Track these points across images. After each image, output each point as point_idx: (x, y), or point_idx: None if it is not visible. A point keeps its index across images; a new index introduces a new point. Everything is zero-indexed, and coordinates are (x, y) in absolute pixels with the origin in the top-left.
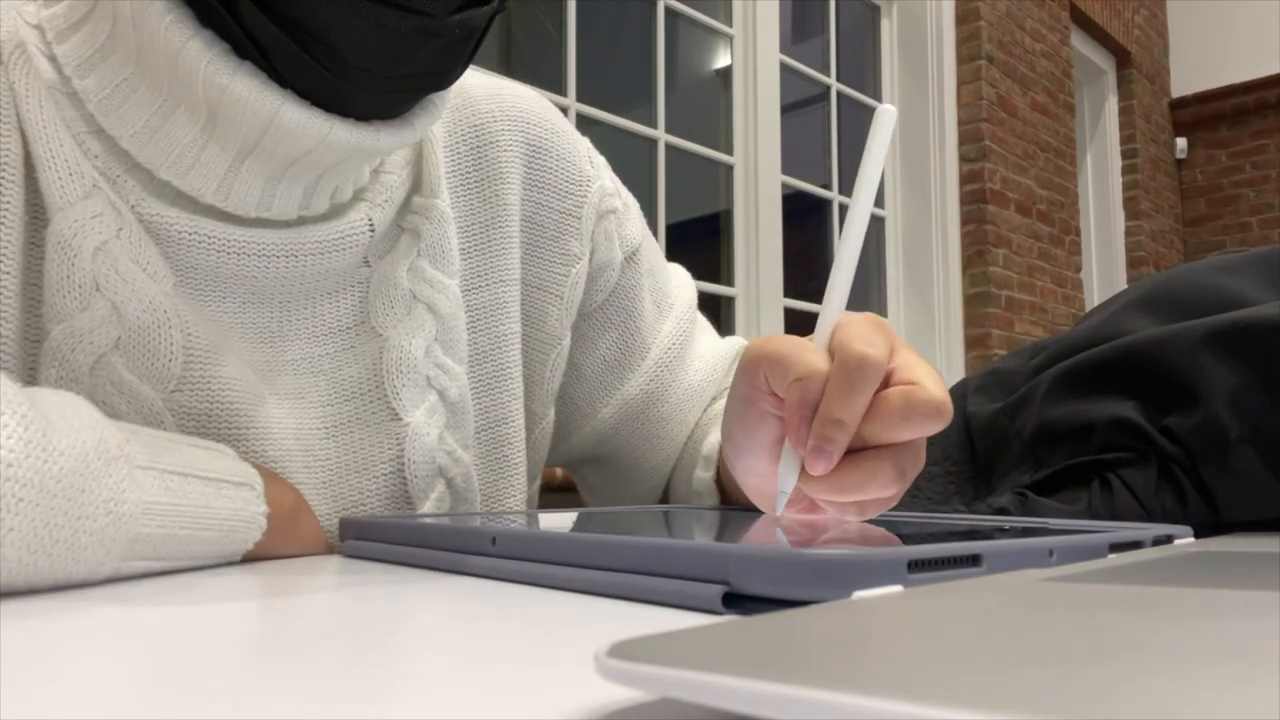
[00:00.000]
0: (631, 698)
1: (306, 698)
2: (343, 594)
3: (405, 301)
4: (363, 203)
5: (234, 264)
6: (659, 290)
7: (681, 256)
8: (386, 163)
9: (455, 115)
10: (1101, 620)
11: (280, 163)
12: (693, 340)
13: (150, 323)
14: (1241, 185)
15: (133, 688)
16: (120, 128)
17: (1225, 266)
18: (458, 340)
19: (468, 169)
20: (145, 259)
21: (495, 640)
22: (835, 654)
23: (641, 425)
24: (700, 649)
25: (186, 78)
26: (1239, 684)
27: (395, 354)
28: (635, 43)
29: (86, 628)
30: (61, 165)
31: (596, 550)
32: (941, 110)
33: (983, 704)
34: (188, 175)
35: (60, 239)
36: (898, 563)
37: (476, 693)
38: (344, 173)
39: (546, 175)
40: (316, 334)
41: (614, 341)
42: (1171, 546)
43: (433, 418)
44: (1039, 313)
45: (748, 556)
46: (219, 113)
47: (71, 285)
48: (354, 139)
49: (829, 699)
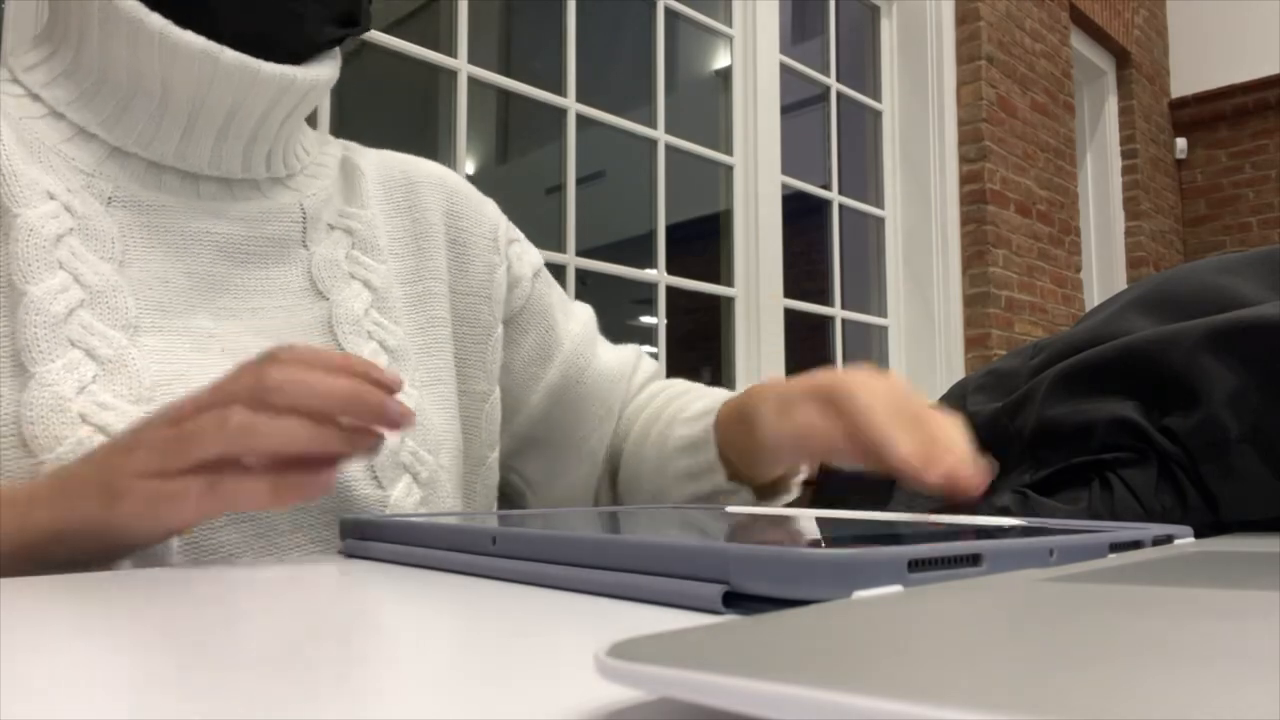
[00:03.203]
0: (631, 698)
1: (306, 698)
2: (342, 594)
3: (344, 276)
4: (294, 191)
5: (196, 224)
6: (565, 303)
7: (681, 256)
8: (311, 166)
9: (384, 169)
10: (1101, 620)
11: (223, 117)
12: (597, 339)
13: (105, 288)
14: (1241, 185)
15: (132, 688)
16: (91, 119)
17: (1225, 266)
18: (393, 308)
19: (398, 200)
20: (96, 244)
21: (495, 640)
22: (835, 654)
23: (568, 403)
24: (700, 649)
25: (144, 53)
26: (1239, 684)
27: (340, 310)
28: (635, 43)
29: (86, 628)
30: (12, 181)
31: (596, 550)
32: (941, 110)
33: (983, 704)
34: (151, 144)
35: (28, 226)
36: (898, 562)
37: (476, 693)
38: (272, 129)
39: (464, 208)
40: (270, 290)
41: (534, 341)
42: (1171, 546)
43: (376, 358)
44: (1039, 313)
45: (747, 556)
46: (172, 81)
47: (39, 260)
48: (276, 74)
49: (829, 699)
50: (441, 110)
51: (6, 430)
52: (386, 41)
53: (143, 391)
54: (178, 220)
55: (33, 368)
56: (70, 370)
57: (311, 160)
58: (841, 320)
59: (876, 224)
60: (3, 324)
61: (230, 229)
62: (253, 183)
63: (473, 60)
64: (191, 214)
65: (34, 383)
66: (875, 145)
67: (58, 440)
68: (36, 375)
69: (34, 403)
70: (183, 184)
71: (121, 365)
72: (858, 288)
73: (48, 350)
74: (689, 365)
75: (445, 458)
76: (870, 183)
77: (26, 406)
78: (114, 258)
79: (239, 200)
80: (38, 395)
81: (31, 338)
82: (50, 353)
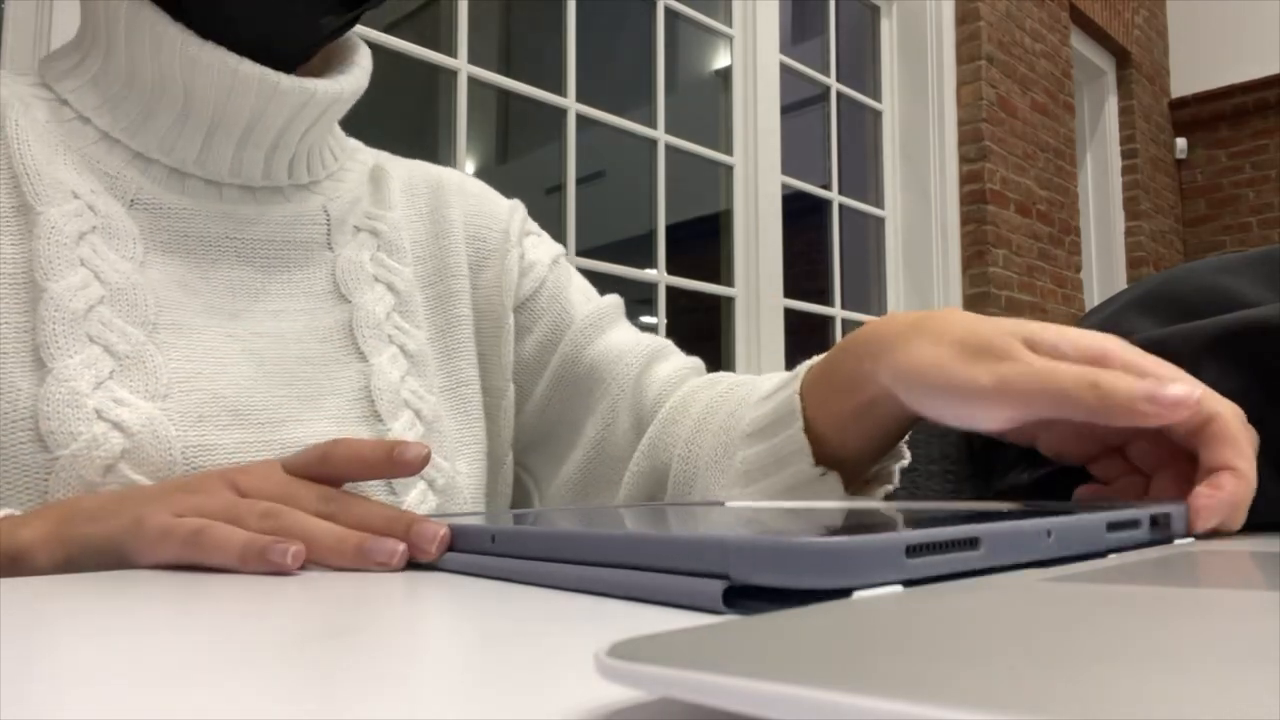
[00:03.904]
0: (631, 698)
1: (305, 698)
2: (341, 594)
3: (368, 279)
4: (319, 195)
5: (218, 229)
6: (586, 289)
7: (681, 257)
8: (339, 171)
9: (410, 176)
10: (1101, 620)
11: (243, 127)
12: (616, 323)
13: (126, 286)
14: (1241, 185)
15: (130, 688)
16: (116, 125)
17: (1225, 266)
18: (414, 312)
19: (420, 205)
20: (117, 243)
21: (495, 640)
22: (835, 654)
23: (566, 384)
24: (700, 649)
25: (166, 60)
26: (1239, 684)
27: (361, 314)
28: (635, 43)
29: (84, 627)
30: (36, 180)
31: (596, 546)
32: (941, 110)
33: (983, 704)
34: (172, 151)
35: (51, 223)
36: (896, 548)
37: (476, 693)
38: (293, 139)
39: (483, 207)
40: (293, 293)
41: (546, 326)
42: (1171, 546)
43: (395, 363)
44: (1039, 313)
45: (746, 546)
46: (193, 90)
47: (60, 258)
48: (296, 87)
49: (829, 699)
50: (441, 110)
51: (24, 425)
52: (386, 41)
53: (159, 388)
54: (199, 225)
55: (50, 363)
56: (88, 366)
57: (339, 166)
58: (841, 320)
59: (876, 224)
60: (24, 319)
61: (253, 234)
62: (276, 188)
63: (473, 60)
64: (213, 219)
65: (51, 378)
66: (875, 145)
67: (73, 436)
68: (54, 371)
69: (50, 398)
70: (205, 189)
71: (139, 362)
72: (858, 288)
73: (66, 346)
74: None
75: (464, 464)
76: (870, 183)
77: (43, 401)
78: (135, 257)
79: (262, 205)
80: (54, 390)
81: (50, 334)
82: (69, 348)
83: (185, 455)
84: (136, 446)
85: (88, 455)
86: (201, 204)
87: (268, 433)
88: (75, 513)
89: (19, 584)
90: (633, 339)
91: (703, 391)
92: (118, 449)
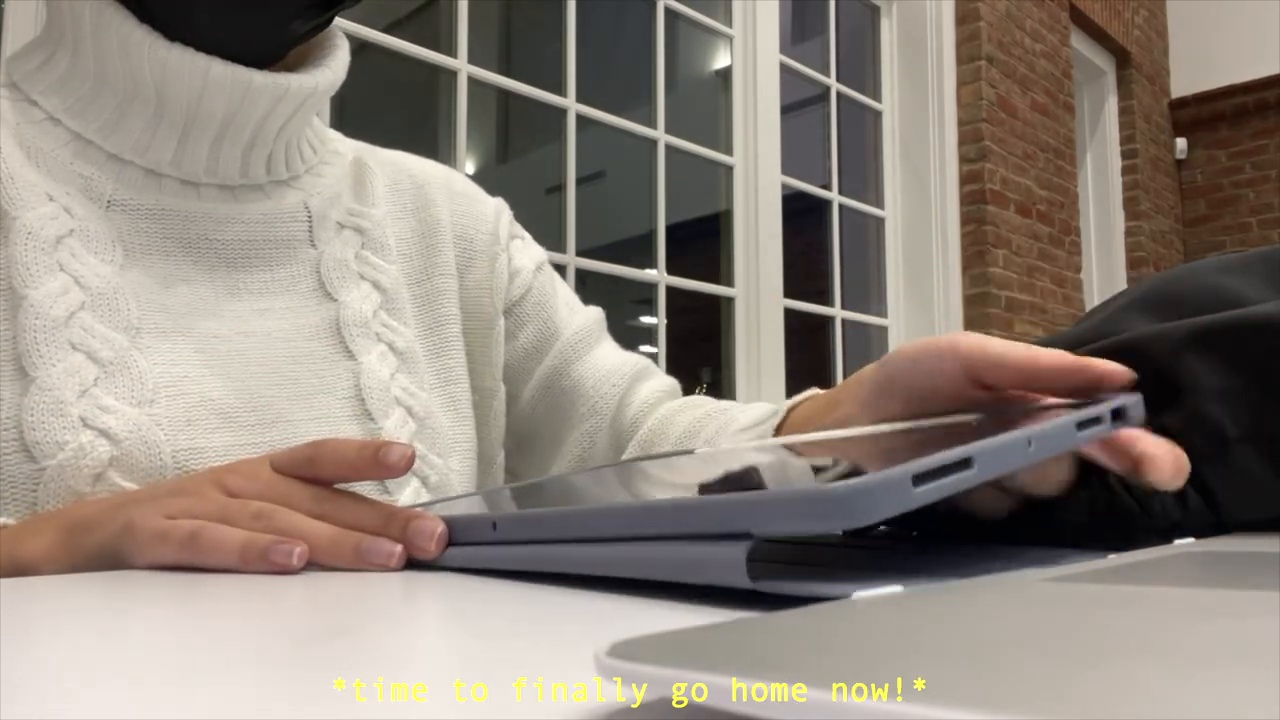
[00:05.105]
0: (631, 698)
1: (304, 698)
2: (341, 592)
3: (354, 277)
4: (299, 191)
5: (197, 229)
6: (572, 301)
7: (681, 257)
8: (318, 165)
9: (394, 171)
10: (1101, 620)
11: (218, 127)
12: (601, 340)
13: (106, 290)
14: (1241, 185)
15: (130, 688)
16: (88, 126)
17: (1225, 266)
18: (402, 309)
19: (406, 202)
20: (96, 246)
21: (495, 640)
22: (835, 654)
23: (552, 395)
24: (700, 649)
25: (135, 63)
26: (1239, 684)
27: (348, 312)
28: (635, 43)
29: (83, 627)
30: (10, 184)
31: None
32: (941, 110)
33: (983, 704)
34: (147, 153)
35: (27, 228)
36: (904, 480)
37: (476, 693)
38: (270, 136)
39: (469, 207)
40: (277, 291)
41: (532, 332)
42: (1172, 546)
43: (384, 361)
44: (1039, 313)
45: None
46: (165, 92)
47: (39, 263)
48: (269, 83)
49: (829, 699)
50: (441, 110)
51: (8, 436)
52: (386, 41)
53: (145, 394)
54: (178, 226)
55: (33, 372)
56: (71, 374)
57: (319, 159)
58: (841, 320)
59: (876, 224)
60: (3, 328)
61: (233, 233)
62: (255, 185)
63: (473, 60)
64: (192, 219)
65: (34, 387)
66: (875, 145)
67: (59, 446)
68: (37, 380)
69: (34, 408)
70: (182, 189)
71: (124, 367)
72: (858, 288)
73: (48, 354)
74: (689, 365)
75: (456, 461)
76: (870, 183)
77: (27, 412)
78: (114, 261)
79: (241, 203)
80: (38, 400)
81: (32, 342)
82: (51, 357)
83: (175, 460)
84: (124, 454)
85: (75, 464)
86: (179, 204)
87: (258, 434)
88: (76, 524)
89: (19, 584)
90: (618, 360)
91: (682, 415)
92: (105, 457)
